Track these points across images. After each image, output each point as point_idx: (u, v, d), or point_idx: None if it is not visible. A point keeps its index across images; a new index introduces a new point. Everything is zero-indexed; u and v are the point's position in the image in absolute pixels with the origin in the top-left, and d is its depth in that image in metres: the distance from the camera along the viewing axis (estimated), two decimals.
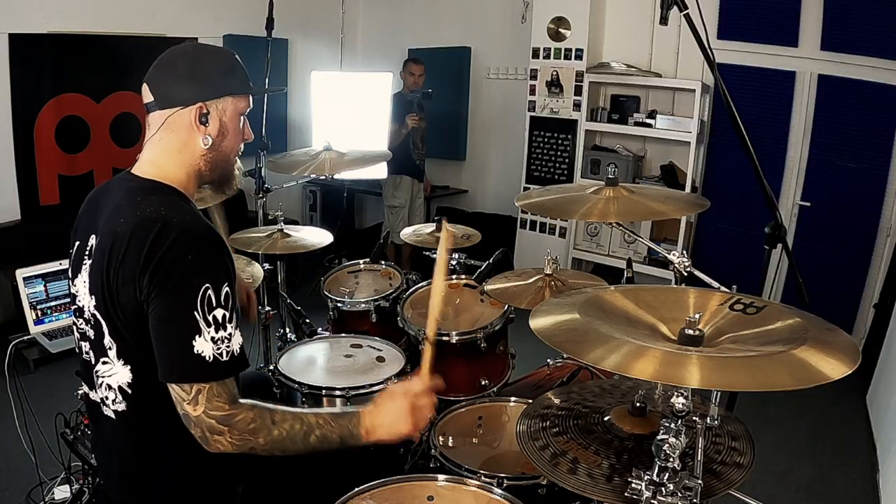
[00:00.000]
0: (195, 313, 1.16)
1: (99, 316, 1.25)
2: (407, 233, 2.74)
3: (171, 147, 1.32)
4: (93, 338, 1.28)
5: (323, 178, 2.38)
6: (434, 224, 2.69)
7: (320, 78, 5.39)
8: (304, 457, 1.52)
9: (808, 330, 1.09)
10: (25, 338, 2.30)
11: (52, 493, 2.43)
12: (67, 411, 2.20)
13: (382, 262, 2.75)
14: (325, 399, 1.91)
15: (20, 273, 2.31)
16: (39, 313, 2.34)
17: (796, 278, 1.84)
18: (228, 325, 1.20)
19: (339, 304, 2.43)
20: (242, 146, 1.42)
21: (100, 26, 4.42)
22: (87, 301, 1.27)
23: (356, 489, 1.37)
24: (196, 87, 1.30)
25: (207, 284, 1.17)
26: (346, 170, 2.53)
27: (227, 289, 1.20)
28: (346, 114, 5.25)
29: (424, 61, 4.90)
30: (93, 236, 1.29)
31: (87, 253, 1.30)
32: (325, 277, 2.63)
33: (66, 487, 2.38)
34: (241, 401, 1.24)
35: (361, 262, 2.77)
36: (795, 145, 4.24)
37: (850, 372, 0.97)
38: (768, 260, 1.87)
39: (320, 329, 2.54)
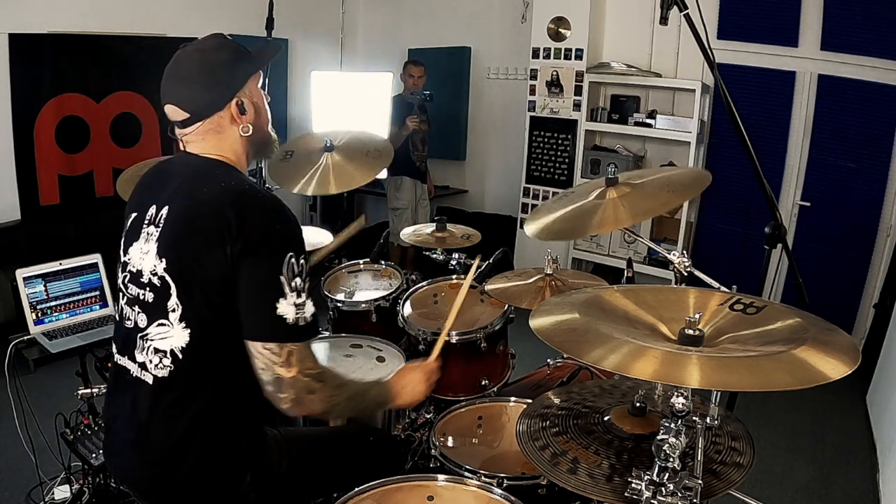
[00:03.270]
0: (281, 277, 1.26)
1: (168, 278, 1.29)
2: (407, 233, 2.74)
3: (219, 144, 1.40)
4: (151, 301, 1.32)
5: None
6: (434, 224, 2.68)
7: (320, 78, 5.39)
8: (309, 453, 1.54)
9: (808, 330, 1.09)
10: (25, 338, 2.29)
11: (52, 493, 2.44)
12: (67, 411, 2.20)
13: (382, 262, 2.75)
14: None
15: (20, 273, 2.31)
16: (39, 313, 2.34)
17: (796, 278, 1.85)
18: (304, 293, 1.30)
19: (339, 304, 2.42)
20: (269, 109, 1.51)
21: (100, 26, 4.42)
22: (150, 265, 1.32)
23: (356, 489, 1.38)
24: (225, 88, 1.37)
25: (292, 253, 1.28)
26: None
27: (303, 260, 1.31)
28: (346, 114, 5.24)
29: (424, 63, 4.89)
30: (154, 206, 1.36)
31: (148, 221, 1.36)
32: (325, 277, 2.63)
33: (66, 487, 2.38)
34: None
35: (361, 262, 2.76)
36: (795, 145, 4.24)
37: (850, 372, 0.97)
38: (768, 260, 1.87)
39: (320, 329, 2.54)
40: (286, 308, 1.26)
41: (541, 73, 4.90)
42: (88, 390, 2.15)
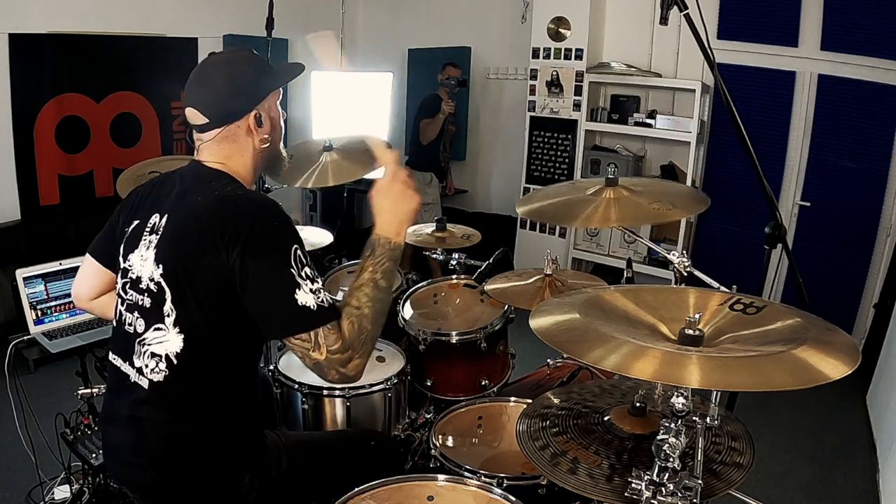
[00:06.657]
0: (291, 270, 1.28)
1: (164, 283, 1.32)
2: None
3: (231, 153, 1.42)
4: (148, 306, 1.34)
5: None
6: (434, 224, 2.68)
7: (320, 78, 5.39)
8: (309, 456, 1.53)
9: (808, 330, 1.09)
10: (25, 338, 2.30)
11: (52, 493, 2.44)
12: (67, 411, 2.20)
13: None
14: (325, 399, 1.91)
15: (20, 273, 2.31)
16: (39, 313, 2.34)
17: (796, 278, 1.85)
18: (316, 280, 1.32)
19: (338, 305, 2.42)
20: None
21: (100, 26, 4.42)
22: (147, 271, 1.34)
23: (356, 489, 1.38)
24: (246, 99, 1.40)
25: (295, 245, 1.31)
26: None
27: (305, 249, 1.34)
28: (346, 114, 5.24)
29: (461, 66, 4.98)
30: (156, 215, 1.39)
31: (150, 229, 1.38)
32: (325, 278, 2.63)
33: (66, 487, 2.38)
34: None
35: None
36: (795, 145, 4.24)
37: (850, 372, 0.97)
38: (768, 260, 1.87)
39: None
40: (305, 297, 1.28)
41: (541, 73, 4.90)
42: (88, 390, 2.15)
